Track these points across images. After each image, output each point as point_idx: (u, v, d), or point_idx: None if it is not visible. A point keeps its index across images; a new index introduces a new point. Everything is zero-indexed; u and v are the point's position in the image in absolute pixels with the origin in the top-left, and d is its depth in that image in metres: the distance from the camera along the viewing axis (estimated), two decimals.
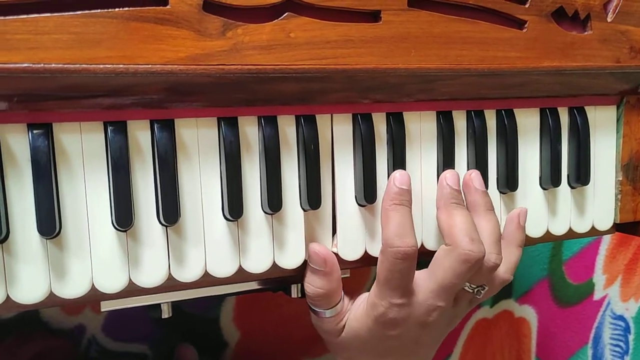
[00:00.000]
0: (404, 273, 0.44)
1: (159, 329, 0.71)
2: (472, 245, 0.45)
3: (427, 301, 0.46)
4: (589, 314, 0.97)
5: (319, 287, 0.46)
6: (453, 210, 0.47)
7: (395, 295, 0.45)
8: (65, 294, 0.39)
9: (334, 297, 0.47)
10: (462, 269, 0.45)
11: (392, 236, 0.44)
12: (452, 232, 0.46)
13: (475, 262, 0.45)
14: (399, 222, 0.45)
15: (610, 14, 0.51)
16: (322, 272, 0.45)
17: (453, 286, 0.46)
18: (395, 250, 0.44)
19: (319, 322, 0.49)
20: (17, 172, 0.38)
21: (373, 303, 0.46)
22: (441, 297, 0.46)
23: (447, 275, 0.45)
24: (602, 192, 0.56)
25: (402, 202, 0.45)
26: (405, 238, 0.44)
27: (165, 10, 0.38)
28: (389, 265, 0.44)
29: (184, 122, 0.41)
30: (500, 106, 0.51)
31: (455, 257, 0.45)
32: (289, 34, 0.41)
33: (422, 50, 0.45)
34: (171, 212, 0.40)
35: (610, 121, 0.56)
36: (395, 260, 0.44)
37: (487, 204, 0.49)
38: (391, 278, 0.45)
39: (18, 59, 0.35)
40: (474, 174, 0.49)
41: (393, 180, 0.46)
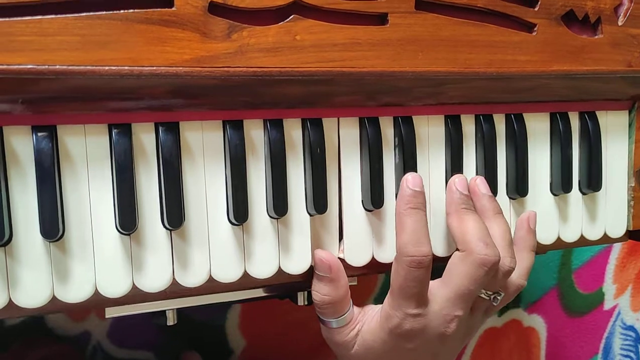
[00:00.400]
0: (419, 281, 0.43)
1: (164, 336, 0.70)
2: (487, 249, 0.44)
3: (443, 310, 0.44)
4: (599, 324, 0.95)
5: (325, 294, 0.45)
6: (464, 216, 0.46)
7: (410, 305, 0.44)
8: (68, 298, 0.39)
9: (341, 305, 0.46)
10: (478, 274, 0.44)
11: (407, 244, 0.43)
12: (465, 238, 0.45)
13: (492, 266, 0.44)
14: (413, 228, 0.44)
15: (621, 18, 0.51)
16: (328, 278, 0.45)
17: (470, 293, 0.44)
18: (410, 259, 0.43)
19: (329, 334, 0.47)
20: (20, 174, 0.38)
21: (387, 314, 0.45)
22: (458, 306, 0.44)
23: (464, 281, 0.44)
24: (614, 198, 0.55)
25: (417, 206, 0.45)
26: (420, 246, 0.43)
27: (171, 12, 0.38)
28: (403, 274, 0.43)
29: (189, 124, 0.41)
30: (510, 110, 0.50)
31: (471, 263, 0.44)
32: (295, 36, 0.41)
33: (430, 54, 0.45)
34: (175, 215, 0.40)
35: (622, 126, 0.55)
36: (410, 269, 0.43)
37: (495, 208, 0.48)
38: (406, 287, 0.43)
39: (23, 60, 0.35)
40: (479, 179, 0.49)
41: (406, 182, 0.45)
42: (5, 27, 0.35)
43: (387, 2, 0.43)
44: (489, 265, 0.44)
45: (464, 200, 0.47)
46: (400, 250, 0.44)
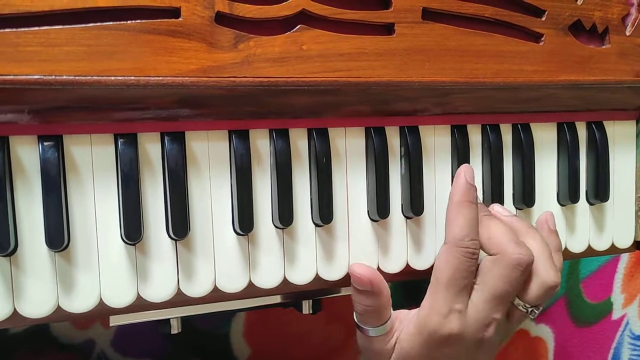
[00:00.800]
0: (469, 273, 0.43)
1: (168, 345, 0.70)
2: (520, 248, 0.44)
3: (481, 314, 0.44)
4: (607, 333, 0.94)
5: (368, 305, 0.44)
6: (486, 222, 0.46)
7: (457, 298, 0.43)
8: (73, 308, 0.39)
9: (384, 313, 0.45)
10: (514, 274, 0.44)
11: (465, 234, 0.44)
12: (494, 241, 0.45)
13: (526, 265, 0.44)
14: (470, 219, 0.44)
15: (629, 28, 0.51)
16: (370, 292, 0.44)
17: (506, 294, 0.44)
18: (466, 250, 0.43)
19: (367, 342, 0.47)
20: (26, 183, 0.38)
21: (427, 315, 0.44)
22: (495, 308, 0.44)
23: (499, 283, 0.44)
24: (622, 209, 0.55)
25: (473, 200, 0.45)
26: (475, 239, 0.44)
27: (178, 22, 0.38)
28: (456, 263, 0.43)
29: (195, 134, 0.41)
30: (517, 120, 0.50)
31: (505, 264, 0.44)
32: (301, 46, 0.41)
33: (437, 64, 0.44)
34: (181, 225, 0.40)
35: (629, 136, 0.55)
36: (465, 259, 0.43)
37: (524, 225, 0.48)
38: (457, 277, 0.43)
39: (30, 70, 0.35)
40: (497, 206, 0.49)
41: (464, 174, 0.45)
42: (13, 38, 0.35)
43: (393, 12, 0.43)
44: (523, 264, 0.44)
45: (482, 207, 0.47)
46: (454, 240, 0.44)
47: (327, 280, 0.45)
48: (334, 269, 0.45)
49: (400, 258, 0.47)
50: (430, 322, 0.44)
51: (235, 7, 0.39)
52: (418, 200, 0.46)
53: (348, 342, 0.78)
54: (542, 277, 0.45)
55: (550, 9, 0.48)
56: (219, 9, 0.39)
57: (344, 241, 0.45)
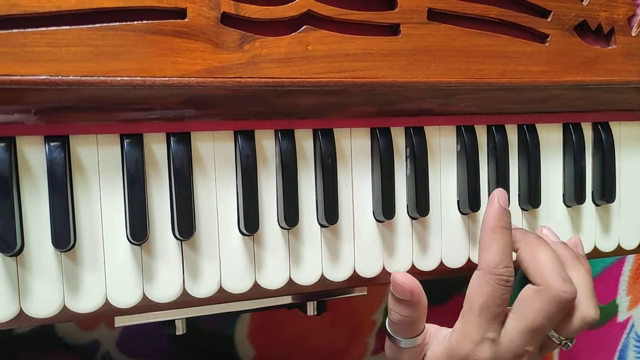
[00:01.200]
0: (503, 300, 0.42)
1: (173, 346, 0.70)
2: (565, 285, 0.43)
3: (514, 344, 0.43)
4: (613, 336, 0.94)
5: (406, 315, 0.44)
6: (537, 248, 0.45)
7: (490, 327, 0.42)
8: (79, 308, 0.39)
9: (418, 325, 0.45)
10: (554, 310, 0.43)
11: (499, 261, 0.43)
12: (541, 272, 0.43)
13: (568, 303, 0.43)
14: (504, 246, 0.43)
15: (635, 28, 0.50)
16: (409, 302, 0.43)
17: (543, 329, 0.43)
18: (500, 277, 0.42)
19: (397, 354, 0.46)
20: (33, 184, 0.38)
21: (459, 341, 0.43)
22: (529, 341, 0.43)
23: (538, 317, 0.43)
24: (628, 209, 0.55)
25: (507, 225, 0.44)
26: (510, 265, 0.43)
27: (183, 23, 0.38)
28: (490, 291, 0.42)
29: (201, 135, 0.41)
30: (522, 121, 0.50)
31: (548, 299, 0.42)
32: (307, 47, 0.41)
33: (442, 64, 0.44)
34: (186, 226, 0.40)
35: (635, 137, 0.54)
36: (499, 287, 0.42)
37: (571, 255, 0.47)
38: (491, 305, 0.42)
39: (37, 71, 0.35)
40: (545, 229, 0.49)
41: (497, 199, 0.44)
42: (20, 38, 0.35)
43: (399, 12, 0.43)
44: (565, 302, 0.43)
45: (528, 231, 0.46)
46: (488, 267, 0.43)
47: (332, 281, 0.45)
48: (339, 270, 0.45)
49: (405, 259, 0.47)
50: (461, 349, 0.43)
51: (241, 8, 0.39)
52: (423, 201, 0.46)
53: (352, 344, 0.78)
54: (582, 313, 0.44)
55: (556, 10, 0.47)
56: (224, 10, 0.39)
57: (349, 242, 0.45)
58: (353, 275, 0.46)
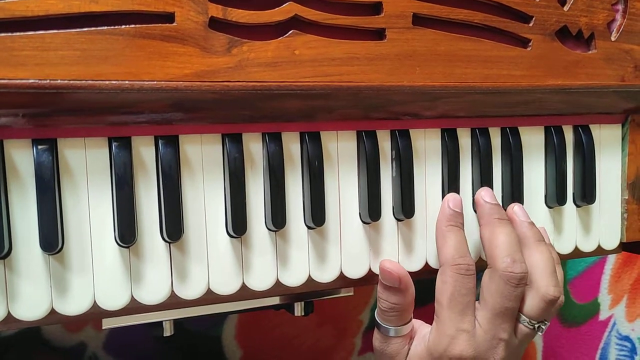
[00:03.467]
0: (468, 289, 0.44)
1: (160, 347, 0.70)
2: (513, 265, 0.44)
3: (488, 334, 0.44)
4: (595, 334, 0.95)
5: (394, 302, 0.45)
6: (496, 228, 0.46)
7: (462, 318, 0.44)
8: (67, 311, 0.39)
9: (407, 314, 0.46)
10: (507, 289, 0.44)
11: (454, 254, 0.45)
12: (493, 253, 0.45)
13: (518, 281, 0.44)
14: (457, 241, 0.45)
15: (615, 33, 0.52)
16: (397, 289, 0.45)
17: (506, 311, 0.44)
18: (459, 267, 0.44)
19: (384, 344, 0.47)
20: (20, 187, 0.38)
21: (435, 338, 0.44)
22: (500, 327, 0.44)
23: (497, 299, 0.44)
24: (608, 210, 0.56)
25: (457, 225, 0.46)
26: (465, 256, 0.45)
27: (172, 27, 0.38)
28: (453, 283, 0.44)
29: (188, 138, 0.41)
30: (505, 124, 0.51)
31: (497, 278, 0.44)
32: (293, 51, 0.41)
33: (427, 68, 0.45)
34: (174, 228, 0.40)
35: (615, 139, 0.56)
36: (460, 276, 0.44)
37: (535, 235, 0.48)
38: (457, 295, 0.44)
39: (24, 74, 0.35)
40: (517, 207, 0.49)
41: (447, 202, 0.47)
42: (8, 42, 0.35)
43: (384, 17, 0.44)
44: (514, 280, 0.44)
45: (495, 210, 0.47)
46: (446, 261, 0.45)
47: (319, 282, 0.46)
48: (326, 271, 0.46)
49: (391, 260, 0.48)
50: (439, 345, 0.44)
51: (229, 13, 0.40)
52: (409, 203, 0.47)
53: (339, 344, 0.78)
54: (541, 291, 0.46)
55: (538, 15, 0.48)
56: (212, 14, 0.39)
57: (336, 243, 0.46)
58: (340, 276, 0.46)
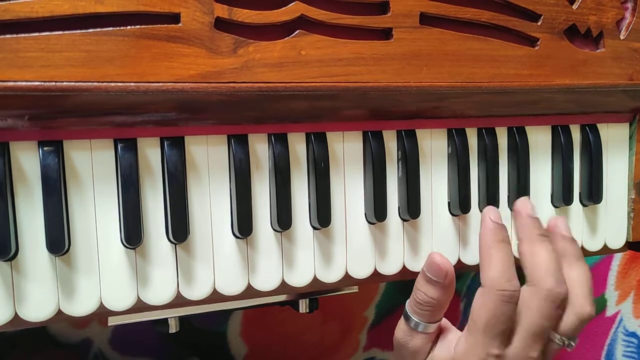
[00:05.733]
0: (507, 317, 0.42)
1: (166, 343, 0.71)
2: (557, 284, 0.43)
3: (520, 353, 0.43)
4: (602, 330, 0.95)
5: (434, 297, 0.44)
6: (538, 245, 0.45)
7: (494, 343, 0.42)
8: (74, 311, 0.39)
9: (441, 312, 0.45)
10: (548, 309, 0.43)
11: (500, 278, 0.42)
12: (536, 272, 0.44)
13: (560, 302, 0.43)
14: (504, 262, 0.43)
15: (623, 32, 0.51)
16: (441, 284, 0.43)
17: (543, 330, 0.43)
18: (502, 293, 0.42)
19: (408, 337, 0.45)
20: (27, 189, 0.38)
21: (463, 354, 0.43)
22: (532, 346, 0.43)
23: (535, 318, 0.43)
24: (615, 210, 0.56)
25: (505, 239, 0.44)
26: (512, 280, 0.43)
27: (177, 28, 0.38)
28: (493, 308, 0.42)
29: (194, 139, 0.41)
30: (512, 124, 0.51)
31: (540, 298, 0.43)
32: (300, 51, 0.41)
33: (434, 68, 0.45)
34: (180, 229, 0.40)
35: (622, 139, 0.55)
36: (503, 304, 0.42)
37: (577, 252, 0.47)
38: (495, 323, 0.42)
39: (30, 76, 0.35)
40: (560, 220, 0.48)
41: (488, 215, 0.45)
42: (13, 44, 0.35)
43: (391, 17, 0.43)
44: (557, 301, 0.43)
45: (537, 224, 0.46)
46: (490, 284, 0.43)
47: (325, 282, 0.46)
48: (331, 272, 0.46)
49: (397, 260, 0.48)
50: None
51: (235, 13, 0.39)
52: (415, 203, 0.47)
53: (344, 341, 0.78)
54: (576, 309, 0.45)
55: (546, 14, 0.48)
56: (218, 15, 0.39)
57: (341, 244, 0.46)
58: (345, 276, 0.46)
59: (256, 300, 0.49)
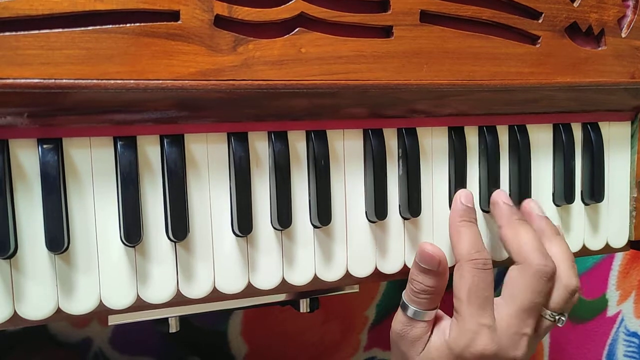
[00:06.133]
0: (487, 283, 0.44)
1: (166, 343, 0.71)
2: (545, 259, 0.45)
3: (511, 329, 0.44)
4: (603, 330, 0.95)
5: (430, 285, 0.44)
6: (518, 228, 0.47)
7: (483, 313, 0.43)
8: (73, 310, 0.39)
9: (439, 297, 0.45)
10: (539, 285, 0.44)
11: (469, 249, 0.45)
12: (522, 250, 0.45)
13: (550, 276, 0.44)
14: (472, 236, 0.45)
15: (625, 30, 0.51)
16: (435, 272, 0.44)
17: (535, 306, 0.44)
18: (476, 261, 0.44)
19: (407, 327, 0.45)
20: (26, 187, 0.38)
21: (456, 334, 0.44)
22: (525, 322, 0.44)
23: (527, 295, 0.44)
24: (617, 208, 0.55)
25: (471, 219, 0.46)
26: (482, 250, 0.45)
27: (177, 25, 0.38)
28: (471, 278, 0.44)
29: (194, 137, 0.41)
30: (513, 122, 0.50)
31: (531, 275, 0.44)
32: (300, 49, 0.41)
33: (434, 66, 0.45)
34: (180, 227, 0.40)
35: (624, 137, 0.55)
36: (478, 270, 0.44)
37: (552, 228, 0.49)
38: (475, 290, 0.43)
39: (29, 74, 0.35)
40: (532, 202, 0.50)
41: (459, 198, 0.47)
42: (13, 41, 0.35)
43: (392, 15, 0.43)
44: (547, 275, 0.44)
45: (514, 211, 0.48)
46: (463, 256, 0.45)
47: (325, 281, 0.46)
48: (332, 270, 0.46)
49: (398, 259, 0.47)
50: (460, 340, 0.43)
51: (235, 10, 0.39)
52: (415, 202, 0.47)
53: (344, 340, 0.78)
54: (564, 282, 0.46)
55: (547, 11, 0.48)
56: (218, 12, 0.39)
57: (342, 242, 0.46)
58: (346, 275, 0.46)
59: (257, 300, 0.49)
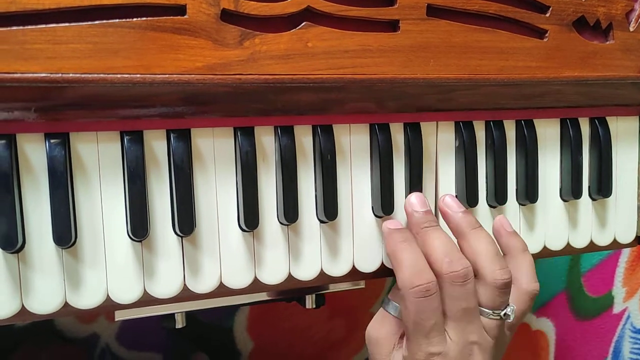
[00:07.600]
0: (431, 311, 0.42)
1: (172, 338, 0.71)
2: (451, 265, 0.43)
3: (459, 342, 0.42)
4: (609, 327, 0.95)
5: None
6: (426, 235, 0.45)
7: (430, 342, 0.42)
8: (80, 304, 0.39)
9: None
10: (458, 291, 0.42)
11: (409, 276, 0.42)
12: (430, 260, 0.43)
13: (464, 278, 0.43)
14: (410, 260, 0.43)
15: (633, 24, 0.51)
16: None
17: (467, 311, 0.43)
18: (416, 290, 0.42)
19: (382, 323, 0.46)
20: (33, 181, 0.38)
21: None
22: (466, 330, 0.43)
23: (452, 302, 0.43)
24: (624, 204, 0.55)
25: (406, 239, 0.44)
26: (423, 273, 0.42)
27: (183, 20, 0.38)
28: (415, 310, 0.42)
29: (200, 131, 0.41)
30: (520, 116, 0.50)
31: (444, 283, 0.43)
32: (306, 43, 0.41)
33: (441, 60, 0.44)
34: (187, 222, 0.40)
35: (632, 132, 0.55)
36: (419, 301, 0.41)
37: (470, 222, 0.46)
38: (420, 322, 0.42)
39: (36, 68, 0.35)
40: (448, 197, 0.47)
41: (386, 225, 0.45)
42: (20, 35, 0.35)
43: (398, 8, 0.43)
44: (459, 279, 0.42)
45: (423, 219, 0.45)
46: (403, 285, 0.42)
47: (331, 276, 0.46)
48: (338, 265, 0.46)
49: None
50: None
51: (241, 4, 0.39)
52: None
53: (350, 337, 0.78)
54: (488, 279, 0.44)
55: (555, 5, 0.48)
56: (224, 6, 0.39)
57: (348, 237, 0.46)
58: (352, 270, 0.46)
59: (263, 296, 0.49)
